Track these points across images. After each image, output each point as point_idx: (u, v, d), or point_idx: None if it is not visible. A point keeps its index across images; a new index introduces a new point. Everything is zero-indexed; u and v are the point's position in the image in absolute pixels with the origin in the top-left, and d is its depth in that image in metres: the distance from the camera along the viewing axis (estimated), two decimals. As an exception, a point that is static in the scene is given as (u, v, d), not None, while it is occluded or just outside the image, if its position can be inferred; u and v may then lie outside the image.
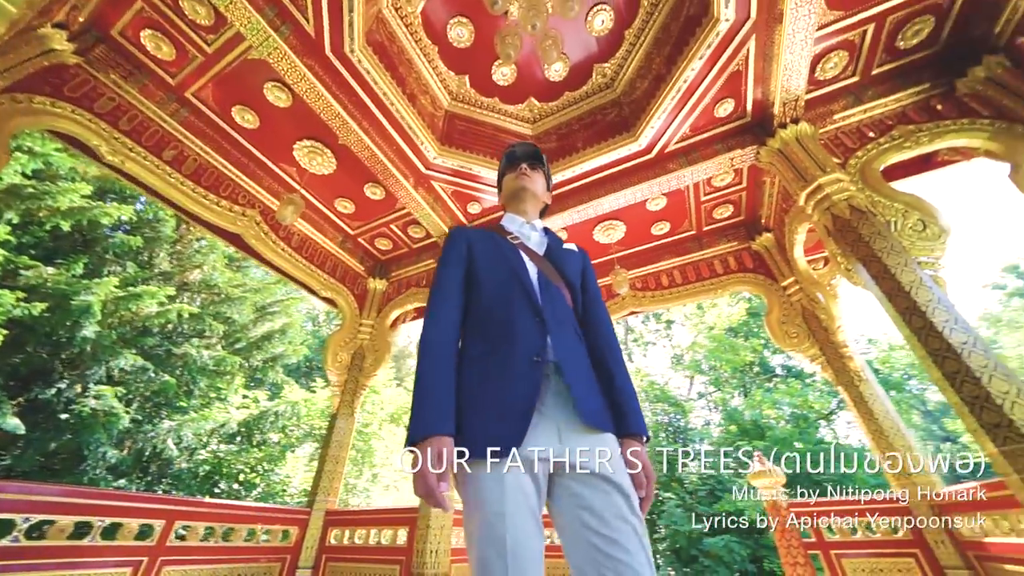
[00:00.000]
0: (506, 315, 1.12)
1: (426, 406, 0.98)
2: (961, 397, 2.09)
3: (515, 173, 1.47)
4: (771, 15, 2.89)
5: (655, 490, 1.11)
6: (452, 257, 1.26)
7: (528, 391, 1.01)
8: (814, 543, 3.10)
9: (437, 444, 0.91)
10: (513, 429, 0.96)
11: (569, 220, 4.49)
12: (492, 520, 0.88)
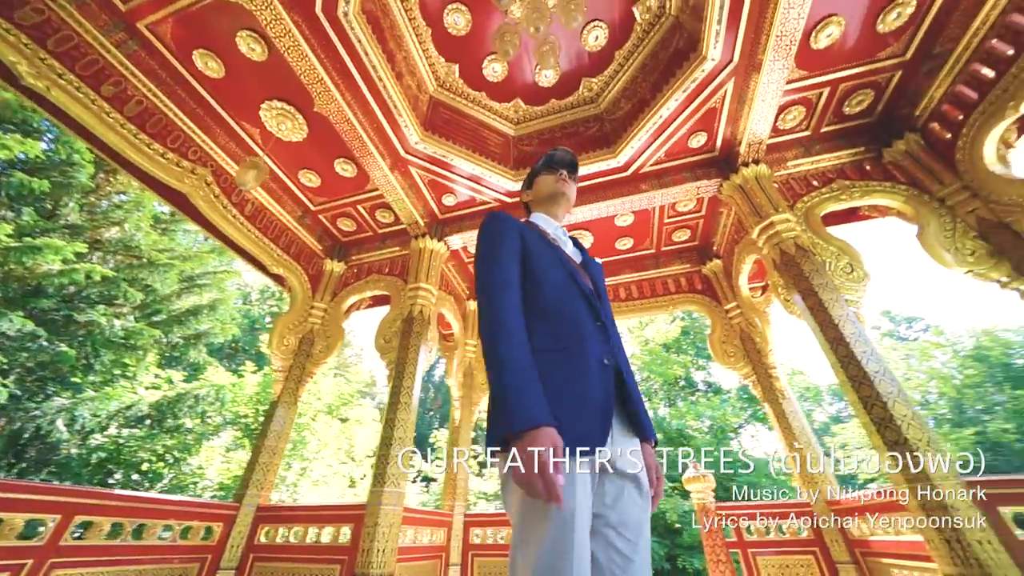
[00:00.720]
0: (574, 315, 1.14)
1: (530, 395, 0.91)
2: (871, 418, 2.43)
3: (555, 177, 1.49)
4: (751, 62, 3.17)
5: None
6: (509, 244, 1.22)
7: (607, 393, 1.04)
8: (735, 542, 3.44)
9: (550, 435, 0.86)
10: (598, 429, 0.98)
11: (542, 224, 4.56)
12: (567, 519, 0.86)
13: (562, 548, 0.83)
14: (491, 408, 0.96)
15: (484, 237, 1.26)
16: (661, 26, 3.68)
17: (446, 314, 4.83)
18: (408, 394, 3.44)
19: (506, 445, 0.90)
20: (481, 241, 1.26)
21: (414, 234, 4.44)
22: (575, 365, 1.05)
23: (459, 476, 4.32)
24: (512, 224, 1.28)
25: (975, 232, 3.02)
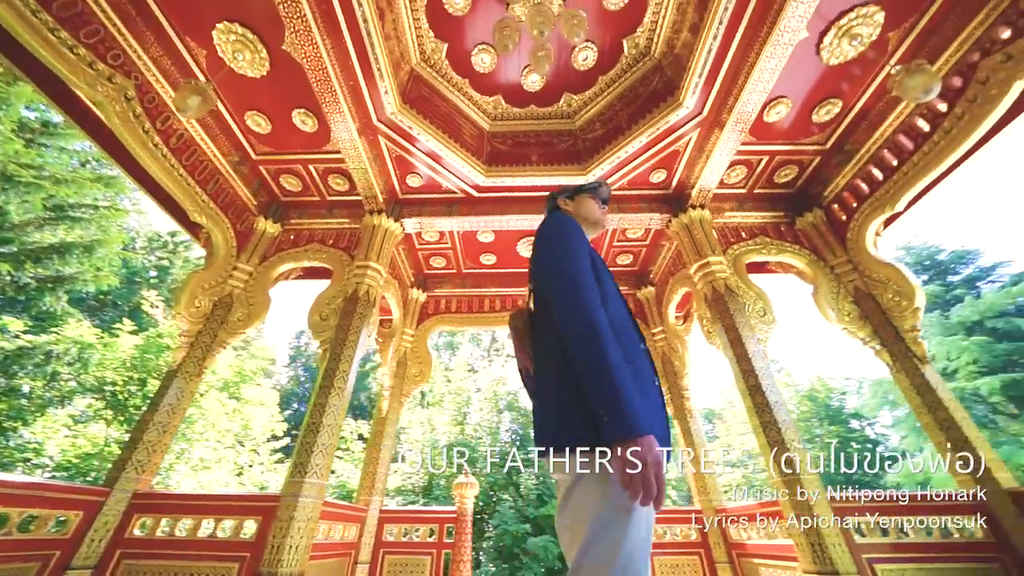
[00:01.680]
0: (632, 333, 1.19)
1: (639, 402, 0.91)
2: (767, 439, 2.87)
3: (600, 207, 1.62)
4: (716, 119, 3.56)
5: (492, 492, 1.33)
6: (586, 248, 1.24)
7: (664, 408, 1.14)
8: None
9: (656, 443, 0.88)
10: (669, 441, 1.06)
11: (502, 225, 4.57)
12: (649, 522, 0.92)
13: (647, 547, 0.88)
14: (597, 402, 0.93)
15: (564, 231, 1.26)
16: (644, 65, 3.95)
17: (388, 299, 4.57)
18: (343, 378, 3.19)
19: (609, 446, 0.90)
20: (560, 234, 1.25)
21: (369, 208, 4.13)
22: (643, 380, 1.09)
23: (380, 470, 4.10)
24: (581, 230, 1.31)
25: (852, 298, 3.77)
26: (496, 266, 5.50)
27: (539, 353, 1.25)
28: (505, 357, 20.19)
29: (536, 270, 1.26)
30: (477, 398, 14.63)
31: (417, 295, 5.33)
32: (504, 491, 10.80)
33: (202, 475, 7.37)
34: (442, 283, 5.59)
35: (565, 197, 1.65)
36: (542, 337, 1.25)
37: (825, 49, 3.20)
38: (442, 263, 5.40)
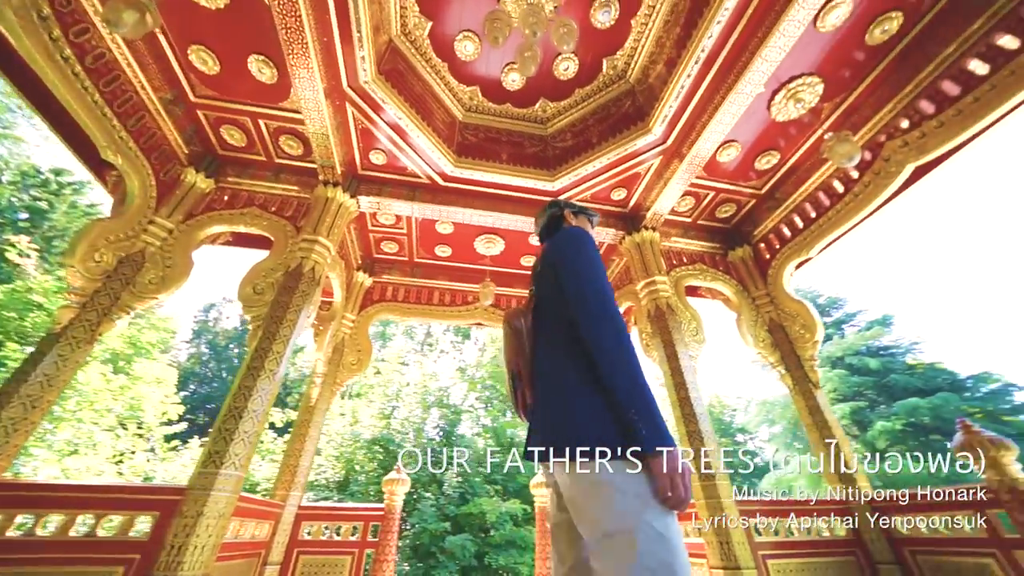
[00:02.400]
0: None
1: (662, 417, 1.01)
2: (692, 446, 3.15)
3: (593, 232, 1.66)
4: (678, 150, 3.86)
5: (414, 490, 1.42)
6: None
7: None
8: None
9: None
10: None
11: (463, 218, 4.49)
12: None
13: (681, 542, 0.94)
14: (626, 415, 1.00)
15: (593, 247, 1.31)
16: (619, 87, 4.14)
17: (332, 279, 4.23)
18: (276, 361, 2.88)
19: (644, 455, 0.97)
20: (591, 249, 1.30)
21: (324, 179, 3.81)
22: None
23: (302, 462, 3.76)
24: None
25: (767, 327, 4.31)
26: (450, 259, 5.38)
27: (548, 357, 1.24)
28: (439, 352, 19.77)
29: (570, 281, 1.24)
30: (406, 392, 14.14)
31: (363, 279, 5.02)
32: (427, 488, 10.58)
33: (68, 461, 6.08)
34: (391, 269, 5.33)
35: (572, 212, 1.67)
36: (553, 340, 1.25)
37: (775, 106, 3.63)
38: (394, 248, 5.15)
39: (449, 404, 14.39)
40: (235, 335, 25.38)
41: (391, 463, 10.59)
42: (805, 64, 3.36)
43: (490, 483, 11.05)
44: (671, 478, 0.94)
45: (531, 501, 11.25)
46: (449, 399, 14.65)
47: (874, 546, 3.06)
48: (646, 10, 3.53)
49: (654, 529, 0.90)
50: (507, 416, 13.73)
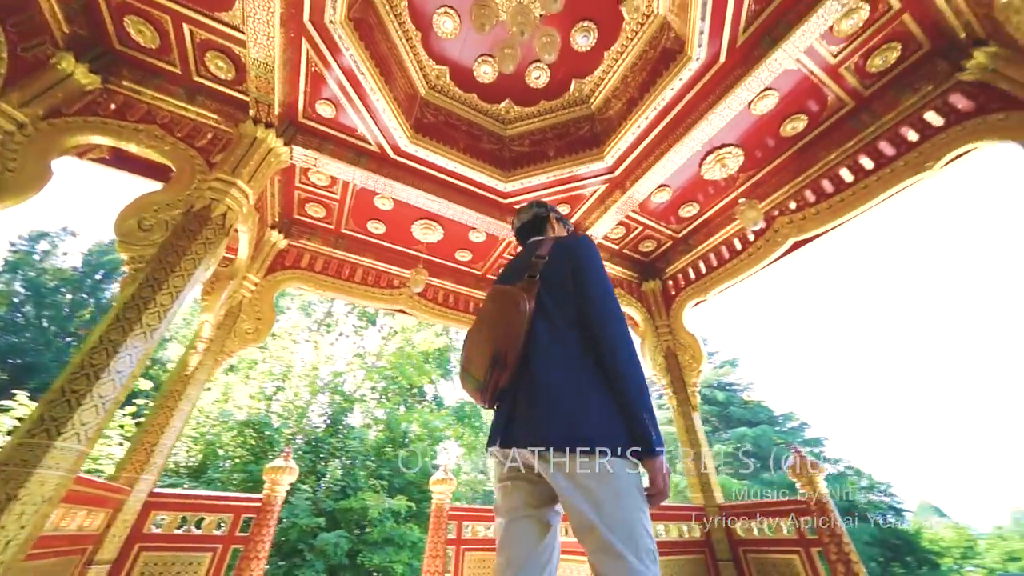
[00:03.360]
0: None
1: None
2: None
3: None
4: (622, 182, 4.19)
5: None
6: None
7: None
8: (454, 540, 3.92)
9: None
10: None
11: (408, 198, 4.27)
12: None
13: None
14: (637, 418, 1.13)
15: (599, 260, 1.39)
16: (581, 110, 4.35)
17: (241, 233, 3.65)
18: (159, 316, 2.37)
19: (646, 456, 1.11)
20: (600, 260, 1.38)
21: (256, 116, 3.28)
22: None
23: (163, 440, 3.10)
24: None
25: (663, 354, 4.90)
26: (383, 237, 5.04)
27: (553, 350, 1.23)
28: (338, 335, 18.12)
29: (597, 288, 1.31)
30: (294, 373, 12.66)
31: (276, 239, 4.41)
32: (304, 480, 9.54)
33: None
34: (312, 235, 4.78)
35: (556, 218, 1.73)
36: (559, 336, 1.26)
37: (705, 164, 4.19)
38: (320, 213, 4.64)
39: (341, 391, 13.29)
40: (72, 279, 20.09)
41: (265, 450, 9.33)
42: (734, 136, 3.95)
43: (376, 478, 10.45)
44: (664, 477, 1.10)
45: (416, 499, 10.97)
46: (343, 386, 13.54)
47: (718, 546, 3.66)
48: (619, 47, 3.80)
49: (647, 519, 1.05)
50: (402, 409, 13.20)
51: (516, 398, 1.23)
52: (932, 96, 3.28)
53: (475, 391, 1.29)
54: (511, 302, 1.28)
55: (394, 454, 10.54)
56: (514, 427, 1.20)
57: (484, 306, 1.38)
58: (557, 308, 1.30)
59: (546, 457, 1.10)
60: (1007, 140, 2.96)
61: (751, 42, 3.13)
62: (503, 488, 1.25)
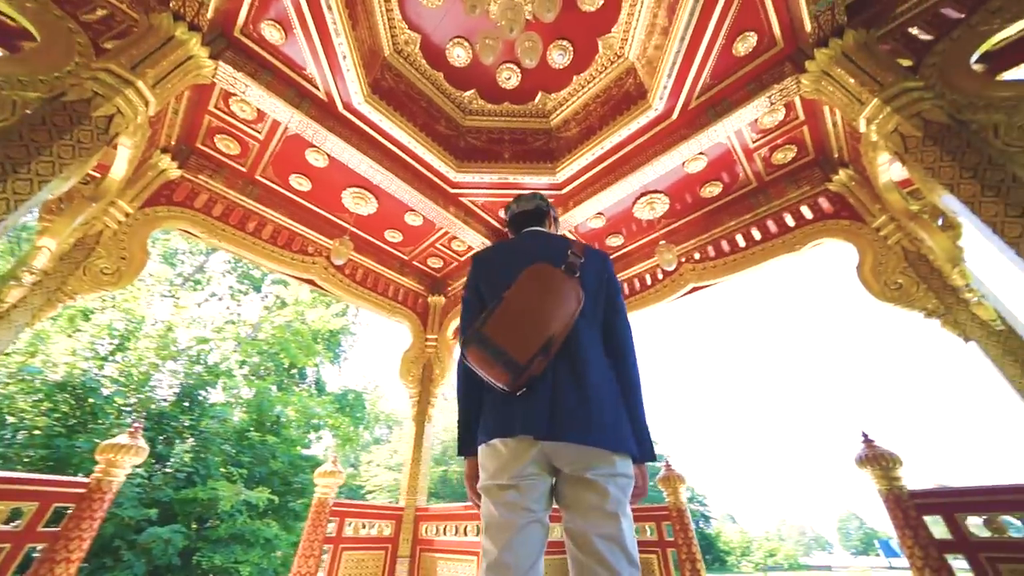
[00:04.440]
0: None
1: None
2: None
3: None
4: (566, 201, 4.37)
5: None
6: None
7: None
8: (333, 538, 3.57)
9: None
10: None
11: (348, 160, 3.89)
12: None
13: None
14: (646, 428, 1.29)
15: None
16: (541, 123, 4.44)
17: (121, 149, 2.89)
18: None
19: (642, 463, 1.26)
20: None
21: (179, 11, 2.65)
22: None
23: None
24: None
25: (423, 365, 5.21)
26: (306, 196, 4.45)
27: (594, 352, 1.30)
28: (208, 296, 15.20)
29: (622, 304, 1.48)
30: (141, 333, 10.20)
31: (167, 166, 3.57)
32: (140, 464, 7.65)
33: None
34: (216, 173, 4.00)
35: (553, 217, 1.77)
36: (594, 339, 1.34)
37: (638, 203, 4.64)
38: (233, 150, 3.91)
39: (204, 361, 11.16)
40: None
41: (85, 421, 7.18)
42: (665, 186, 4.46)
43: (235, 465, 8.91)
44: (646, 482, 1.24)
45: (280, 492, 9.66)
46: (207, 357, 11.39)
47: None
48: (588, 76, 4.01)
49: (625, 512, 1.17)
50: (275, 391, 11.60)
51: (557, 390, 1.19)
52: (808, 195, 4.16)
53: (504, 372, 1.14)
54: (571, 290, 1.23)
55: (260, 439, 9.19)
56: (561, 421, 1.15)
57: (531, 284, 1.22)
58: (591, 311, 1.36)
59: (593, 456, 1.15)
60: (846, 241, 3.90)
61: (699, 109, 3.60)
62: (522, 483, 1.17)
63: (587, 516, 1.13)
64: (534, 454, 1.16)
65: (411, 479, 4.34)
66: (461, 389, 1.41)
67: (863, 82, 2.65)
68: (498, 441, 1.19)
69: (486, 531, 1.18)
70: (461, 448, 1.36)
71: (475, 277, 1.51)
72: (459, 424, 1.38)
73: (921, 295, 3.27)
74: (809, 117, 3.73)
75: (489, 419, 1.24)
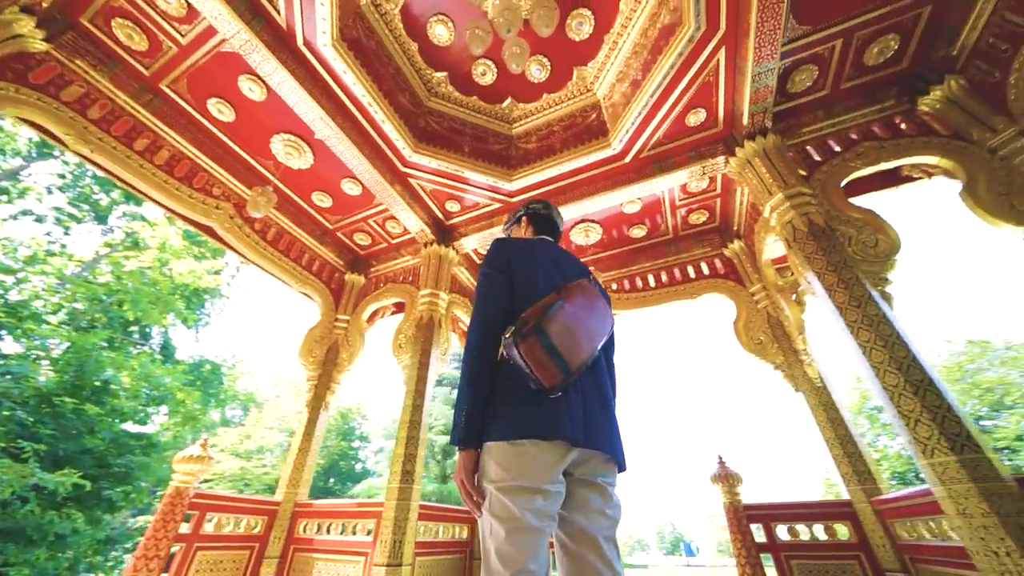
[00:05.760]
0: None
1: None
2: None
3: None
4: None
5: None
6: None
7: None
8: (187, 535, 2.97)
9: None
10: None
11: (298, 105, 3.41)
12: None
13: None
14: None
15: None
16: (504, 127, 4.44)
17: None
18: None
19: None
20: None
21: None
22: None
23: None
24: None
25: (328, 347, 4.25)
26: (223, 127, 3.72)
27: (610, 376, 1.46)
28: (18, 212, 11.12)
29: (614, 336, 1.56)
30: None
31: (26, 30, 2.63)
32: None
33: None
34: (104, 65, 3.08)
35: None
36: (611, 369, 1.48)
37: (576, 228, 4.93)
38: (138, 44, 3.07)
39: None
40: None
41: None
42: (601, 218, 4.88)
43: (30, 439, 6.59)
44: None
45: (93, 475, 7.48)
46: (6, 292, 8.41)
47: (478, 548, 4.11)
48: (558, 98, 4.18)
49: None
50: (108, 351, 9.05)
51: (587, 400, 1.24)
52: (708, 254, 4.98)
53: (557, 373, 1.13)
54: (609, 314, 1.34)
55: (74, 406, 7.06)
56: (594, 429, 1.20)
57: (586, 300, 1.26)
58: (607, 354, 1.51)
59: (605, 465, 1.23)
60: (729, 298, 4.75)
61: (648, 160, 4.05)
62: (553, 490, 1.13)
63: (591, 518, 1.18)
64: (568, 460, 1.16)
65: (295, 470, 3.87)
66: (476, 373, 1.24)
67: (774, 177, 3.32)
68: (529, 443, 1.13)
69: (507, 536, 1.07)
70: (465, 439, 1.19)
71: (506, 259, 1.41)
72: (467, 412, 1.21)
73: (774, 351, 4.19)
74: (724, 192, 4.50)
75: (513, 416, 1.16)
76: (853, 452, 3.37)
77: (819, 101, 3.56)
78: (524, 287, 1.35)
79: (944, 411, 2.10)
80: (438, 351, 4.17)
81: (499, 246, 1.47)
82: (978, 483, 1.91)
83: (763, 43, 2.88)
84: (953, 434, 2.03)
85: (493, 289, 1.36)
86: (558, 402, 1.17)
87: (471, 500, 1.18)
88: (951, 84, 3.10)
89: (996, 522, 1.83)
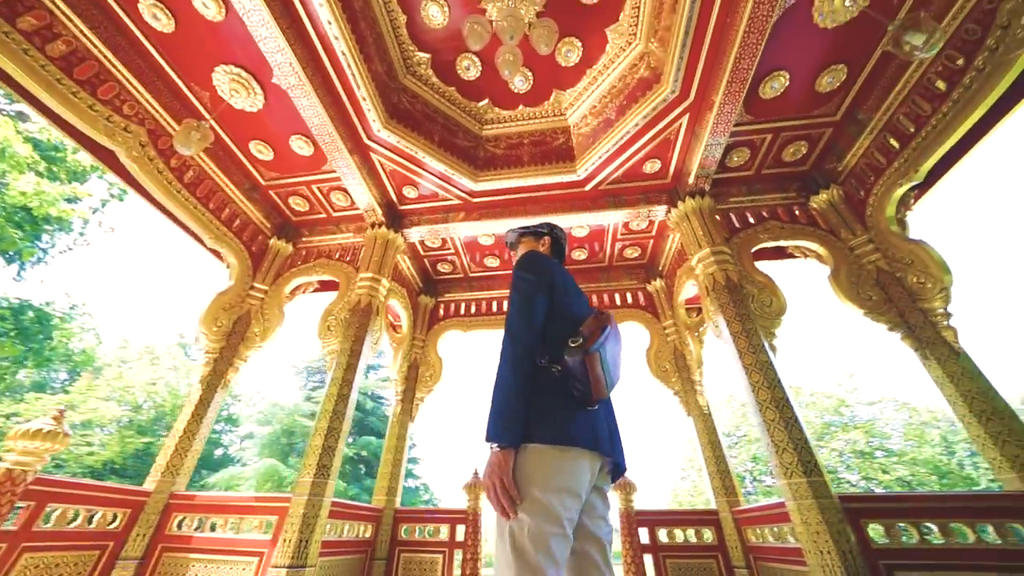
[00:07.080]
0: None
1: None
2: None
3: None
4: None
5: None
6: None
7: None
8: (12, 532, 2.28)
9: None
10: None
11: (265, 42, 2.98)
12: None
13: None
14: None
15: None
16: (475, 126, 4.50)
17: None
18: None
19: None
20: None
21: None
22: None
23: None
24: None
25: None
26: (156, 38, 3.04)
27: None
28: None
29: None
30: None
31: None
32: None
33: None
34: None
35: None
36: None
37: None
38: None
39: None
40: None
41: None
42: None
43: None
44: None
45: None
46: None
47: (380, 546, 3.95)
48: (531, 113, 4.29)
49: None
50: None
51: (608, 415, 1.37)
52: (633, 287, 5.59)
53: (605, 390, 1.26)
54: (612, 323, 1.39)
55: None
56: (615, 442, 1.33)
57: (615, 328, 1.37)
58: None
59: (609, 474, 1.34)
60: (645, 327, 5.37)
61: (606, 192, 4.42)
62: (584, 497, 1.21)
63: (596, 523, 1.25)
64: (596, 468, 1.23)
65: (175, 455, 3.24)
66: (526, 375, 1.22)
67: (704, 233, 3.90)
68: (576, 451, 1.17)
69: (551, 538, 1.05)
70: (504, 436, 1.15)
71: (551, 273, 1.49)
72: (512, 409, 1.17)
73: (675, 379, 4.86)
74: (658, 236, 5.11)
75: (561, 422, 1.18)
76: (724, 470, 4.09)
77: (745, 179, 4.31)
78: (562, 303, 1.44)
79: (803, 443, 2.71)
80: (371, 339, 3.95)
81: (544, 259, 1.56)
82: (818, 499, 2.50)
83: (720, 120, 3.43)
84: (807, 461, 2.63)
85: (539, 296, 1.40)
86: (594, 414, 1.27)
87: (506, 498, 1.10)
88: (834, 191, 3.99)
89: (825, 528, 2.42)
